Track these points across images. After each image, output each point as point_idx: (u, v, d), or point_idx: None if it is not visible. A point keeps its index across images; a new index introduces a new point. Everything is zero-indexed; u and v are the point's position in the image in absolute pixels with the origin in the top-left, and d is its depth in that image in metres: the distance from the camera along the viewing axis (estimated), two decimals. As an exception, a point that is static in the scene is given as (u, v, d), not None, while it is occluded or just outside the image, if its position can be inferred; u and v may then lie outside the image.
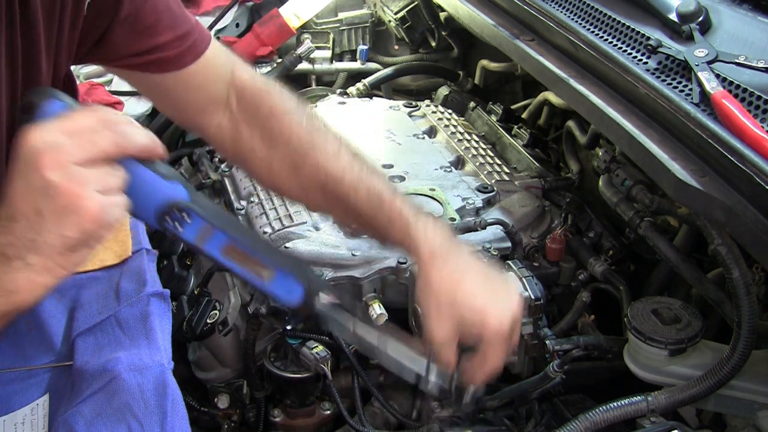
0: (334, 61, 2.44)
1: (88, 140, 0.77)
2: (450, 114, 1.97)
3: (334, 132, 1.21)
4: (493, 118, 1.94)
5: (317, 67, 2.39)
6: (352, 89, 2.19)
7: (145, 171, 0.83)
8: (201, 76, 1.16)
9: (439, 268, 1.07)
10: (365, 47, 2.42)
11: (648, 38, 1.26)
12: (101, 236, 0.79)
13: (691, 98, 1.13)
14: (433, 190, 1.57)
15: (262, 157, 1.21)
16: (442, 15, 2.23)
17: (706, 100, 1.11)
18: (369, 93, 2.20)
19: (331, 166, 1.16)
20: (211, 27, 2.22)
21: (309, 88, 2.40)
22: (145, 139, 0.82)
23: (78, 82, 2.16)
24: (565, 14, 1.46)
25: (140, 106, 2.16)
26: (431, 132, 1.89)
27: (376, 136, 1.85)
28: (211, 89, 1.19)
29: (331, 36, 2.45)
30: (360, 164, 1.17)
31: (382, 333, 1.05)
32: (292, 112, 1.20)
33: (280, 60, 2.25)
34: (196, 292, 1.54)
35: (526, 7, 1.55)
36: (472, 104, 2.04)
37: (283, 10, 2.23)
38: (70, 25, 1.01)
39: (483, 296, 1.07)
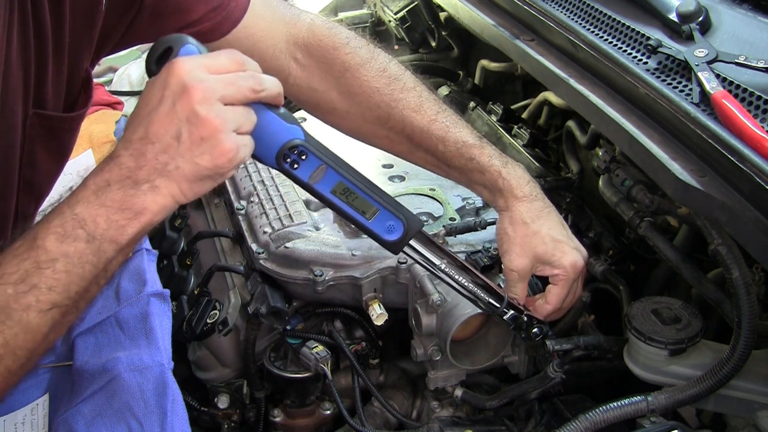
0: (334, 61, 2.44)
1: (232, 82, 0.84)
2: (450, 114, 1.97)
3: (410, 78, 1.25)
4: (493, 118, 1.94)
5: (317, 67, 2.39)
6: (352, 89, 2.19)
7: (271, 114, 0.92)
8: (246, 41, 1.19)
9: (528, 208, 1.19)
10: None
11: (648, 38, 1.26)
12: (226, 173, 0.86)
13: (691, 98, 1.13)
14: (433, 190, 1.57)
15: (343, 112, 1.27)
16: (442, 15, 2.23)
17: (706, 100, 1.11)
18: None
19: (417, 119, 1.23)
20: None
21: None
22: (277, 86, 0.90)
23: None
24: (565, 14, 1.46)
25: (140, 106, 2.16)
26: (431, 132, 1.89)
27: (376, 136, 1.85)
28: (263, 52, 1.22)
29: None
30: (444, 113, 1.24)
31: (465, 268, 1.16)
32: (366, 65, 1.24)
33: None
34: (196, 292, 1.54)
35: (526, 7, 1.55)
36: (472, 104, 2.03)
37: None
38: (86, 24, 1.01)
39: (564, 235, 1.20)
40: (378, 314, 1.37)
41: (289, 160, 0.95)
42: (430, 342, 1.37)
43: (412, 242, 1.08)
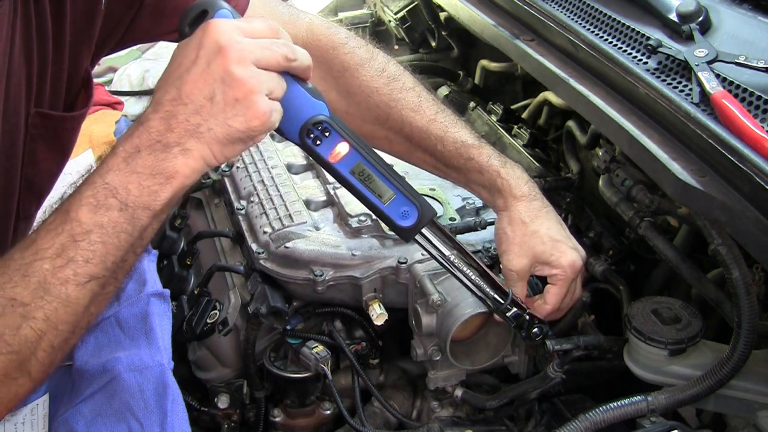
0: (334, 61, 2.44)
1: (267, 47, 0.84)
2: (450, 114, 1.97)
3: (409, 78, 1.25)
4: (493, 118, 1.94)
5: (317, 67, 2.39)
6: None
7: (299, 87, 0.91)
8: None
9: (527, 208, 1.19)
10: (365, 47, 2.42)
11: (648, 38, 1.26)
12: (258, 136, 0.85)
13: (691, 98, 1.13)
14: (434, 189, 1.57)
15: (341, 112, 1.24)
16: (442, 15, 2.23)
17: (706, 100, 1.11)
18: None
19: (415, 119, 1.23)
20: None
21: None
22: (308, 59, 0.90)
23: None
24: (565, 14, 1.46)
25: (140, 106, 2.17)
26: (431, 132, 1.89)
27: (376, 136, 1.85)
28: None
29: (331, 36, 2.45)
30: (442, 114, 1.24)
31: (473, 262, 1.16)
32: (365, 65, 1.24)
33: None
34: (196, 292, 1.54)
35: (526, 7, 1.55)
36: (472, 104, 2.03)
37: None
38: (86, 23, 1.01)
39: (562, 234, 1.20)
40: (378, 314, 1.37)
41: (312, 135, 0.94)
42: (430, 342, 1.37)
43: (424, 231, 1.08)
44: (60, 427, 1.04)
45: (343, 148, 0.97)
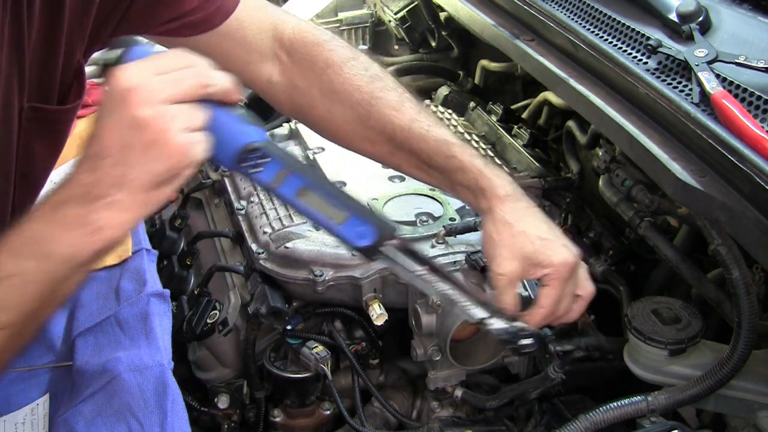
0: (334, 61, 2.44)
1: (175, 80, 0.81)
2: (450, 114, 1.97)
3: (391, 79, 1.23)
4: (493, 118, 1.94)
5: (317, 67, 2.39)
6: (352, 89, 2.18)
7: (225, 113, 0.87)
8: (237, 34, 1.18)
9: (512, 209, 1.14)
10: (365, 47, 2.42)
11: (648, 38, 1.26)
12: (185, 173, 0.82)
13: (691, 98, 1.13)
14: (433, 190, 1.57)
15: (323, 111, 1.23)
16: (442, 15, 2.23)
17: (706, 100, 1.11)
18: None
19: (397, 117, 1.20)
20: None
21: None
22: (227, 82, 0.85)
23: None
24: (565, 14, 1.46)
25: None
26: (431, 132, 1.89)
27: (376, 136, 1.84)
28: (251, 45, 1.20)
29: (331, 36, 2.45)
30: (424, 114, 1.21)
31: (447, 277, 1.10)
32: (349, 62, 1.22)
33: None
34: (196, 292, 1.54)
35: (526, 7, 1.55)
36: (472, 104, 2.03)
37: (284, 11, 2.22)
38: (81, 14, 1.01)
39: (551, 233, 1.14)
40: (378, 314, 1.37)
41: (249, 162, 0.90)
42: (430, 342, 1.37)
43: (387, 248, 1.04)
44: (60, 427, 1.04)
45: (285, 173, 0.93)
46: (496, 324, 1.11)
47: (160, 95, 0.79)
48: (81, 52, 1.06)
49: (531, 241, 1.12)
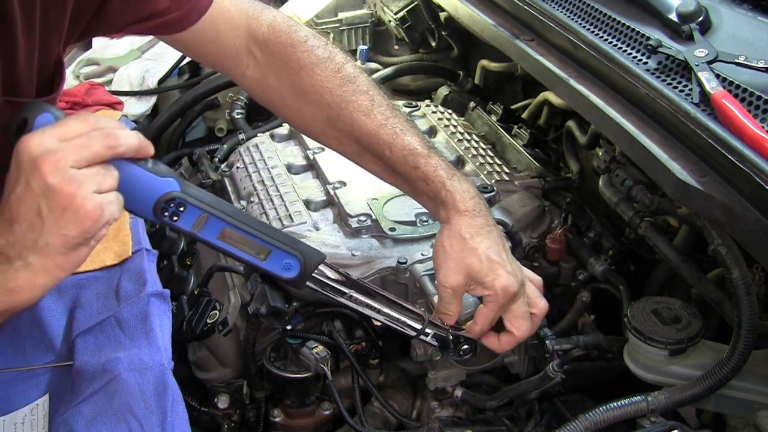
0: (334, 61, 2.44)
1: (82, 144, 0.82)
2: (450, 114, 1.97)
3: (365, 81, 1.24)
4: (493, 118, 1.94)
5: (317, 67, 2.39)
6: (352, 89, 2.18)
7: (138, 169, 0.89)
8: (211, 31, 1.19)
9: (468, 224, 1.16)
10: (365, 47, 2.42)
11: (648, 38, 1.26)
12: (99, 234, 0.84)
13: (691, 98, 1.13)
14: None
15: (294, 109, 1.25)
16: (442, 15, 2.23)
17: (706, 100, 1.11)
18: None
19: (365, 122, 1.21)
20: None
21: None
22: (134, 139, 0.87)
23: (78, 82, 2.17)
24: (565, 14, 1.46)
25: (140, 106, 2.17)
26: (431, 132, 1.89)
27: (376, 136, 1.84)
28: (225, 43, 1.22)
29: (331, 36, 2.45)
30: (394, 119, 1.22)
31: (379, 296, 1.16)
32: (320, 65, 1.22)
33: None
34: (196, 292, 1.54)
35: (526, 7, 1.55)
36: (472, 104, 2.03)
37: (284, 11, 2.22)
38: (57, 8, 1.01)
39: (500, 256, 1.15)
40: (378, 314, 1.37)
41: (167, 213, 0.93)
42: (430, 342, 1.37)
43: (316, 275, 1.08)
44: (60, 427, 1.04)
45: (204, 218, 0.95)
46: (432, 334, 1.19)
47: (68, 161, 0.81)
48: (59, 47, 1.06)
49: (480, 260, 1.14)
